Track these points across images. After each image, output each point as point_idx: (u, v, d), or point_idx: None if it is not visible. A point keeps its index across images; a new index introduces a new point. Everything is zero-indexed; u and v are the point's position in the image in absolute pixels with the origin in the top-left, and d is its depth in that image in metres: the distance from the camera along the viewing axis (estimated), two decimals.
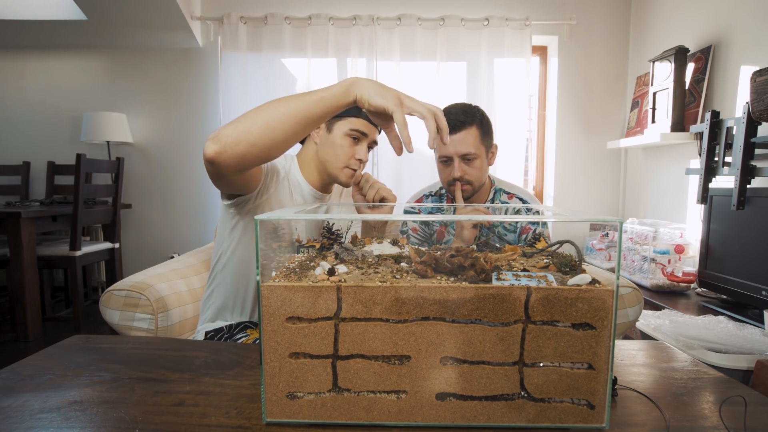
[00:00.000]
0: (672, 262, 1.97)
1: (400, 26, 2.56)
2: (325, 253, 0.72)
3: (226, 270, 1.14)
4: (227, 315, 1.17)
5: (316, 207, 1.08)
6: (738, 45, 1.89)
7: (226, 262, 1.14)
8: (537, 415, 0.56)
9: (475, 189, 1.34)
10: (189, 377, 0.73)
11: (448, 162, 1.33)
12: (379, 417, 0.57)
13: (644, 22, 2.59)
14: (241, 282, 1.13)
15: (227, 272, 1.14)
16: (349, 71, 2.60)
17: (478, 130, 1.30)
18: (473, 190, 1.34)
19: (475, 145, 1.30)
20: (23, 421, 0.59)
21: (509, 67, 2.61)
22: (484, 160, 1.33)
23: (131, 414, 0.61)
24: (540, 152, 2.91)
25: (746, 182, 1.59)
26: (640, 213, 2.60)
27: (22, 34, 2.60)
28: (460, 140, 1.29)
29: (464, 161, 1.31)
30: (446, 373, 0.56)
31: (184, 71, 2.76)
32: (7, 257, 2.30)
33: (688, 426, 0.58)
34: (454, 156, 1.31)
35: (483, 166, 1.33)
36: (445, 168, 1.34)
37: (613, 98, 2.75)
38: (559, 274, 0.61)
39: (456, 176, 1.31)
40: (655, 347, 0.88)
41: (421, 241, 1.43)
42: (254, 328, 1.13)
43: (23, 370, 0.77)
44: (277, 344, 0.56)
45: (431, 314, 0.56)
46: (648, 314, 1.58)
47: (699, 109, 2.04)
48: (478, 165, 1.31)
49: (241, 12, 2.58)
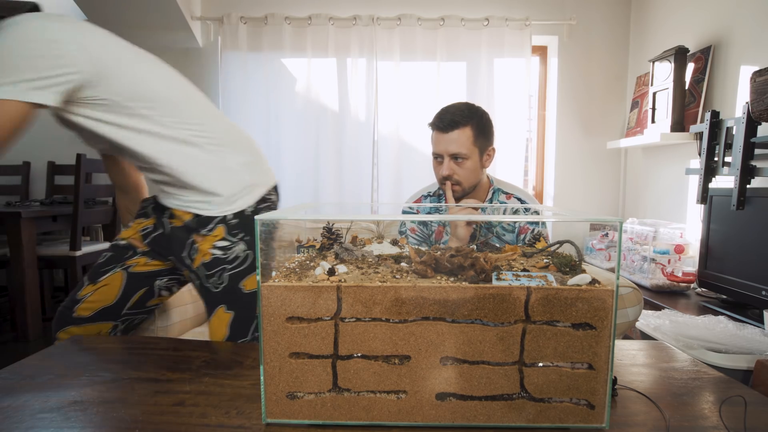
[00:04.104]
0: (672, 262, 1.97)
1: (400, 26, 2.56)
2: (325, 253, 0.72)
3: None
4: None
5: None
6: (738, 45, 1.89)
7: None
8: (537, 415, 0.56)
9: (464, 189, 1.34)
10: (189, 377, 0.73)
11: (440, 160, 1.34)
12: (379, 417, 0.57)
13: (644, 22, 2.59)
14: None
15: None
16: (349, 71, 2.60)
17: (472, 131, 1.30)
18: (463, 190, 1.34)
19: (467, 145, 1.30)
20: (23, 421, 0.59)
21: (509, 67, 2.61)
22: (476, 162, 1.33)
23: (131, 414, 0.61)
24: (540, 152, 2.91)
25: (746, 182, 1.59)
26: (640, 213, 2.60)
27: None
28: (451, 140, 1.30)
29: (454, 161, 1.31)
30: (446, 373, 0.56)
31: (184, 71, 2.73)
32: (7, 257, 2.30)
33: (688, 426, 0.58)
34: (445, 155, 1.32)
35: (474, 167, 1.33)
36: (438, 166, 1.35)
37: (613, 98, 2.75)
38: (559, 274, 0.61)
39: (444, 174, 1.32)
40: (655, 347, 0.88)
41: (420, 241, 1.43)
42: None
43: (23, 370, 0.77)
44: (277, 344, 0.56)
45: (431, 314, 0.56)
46: (648, 314, 1.58)
47: (699, 109, 2.04)
48: (468, 166, 1.31)
49: (241, 12, 2.58)
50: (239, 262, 1.04)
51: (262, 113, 2.59)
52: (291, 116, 2.60)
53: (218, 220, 1.04)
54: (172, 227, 1.07)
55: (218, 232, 1.03)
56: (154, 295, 1.15)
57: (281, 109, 2.59)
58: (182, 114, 1.03)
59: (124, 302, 1.11)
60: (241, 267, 1.04)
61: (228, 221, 1.04)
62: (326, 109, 2.60)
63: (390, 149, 2.59)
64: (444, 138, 1.31)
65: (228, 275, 1.03)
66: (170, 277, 1.16)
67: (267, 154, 2.59)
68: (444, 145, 1.31)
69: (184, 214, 1.05)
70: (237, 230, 1.04)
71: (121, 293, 1.10)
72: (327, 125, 2.59)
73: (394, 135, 2.58)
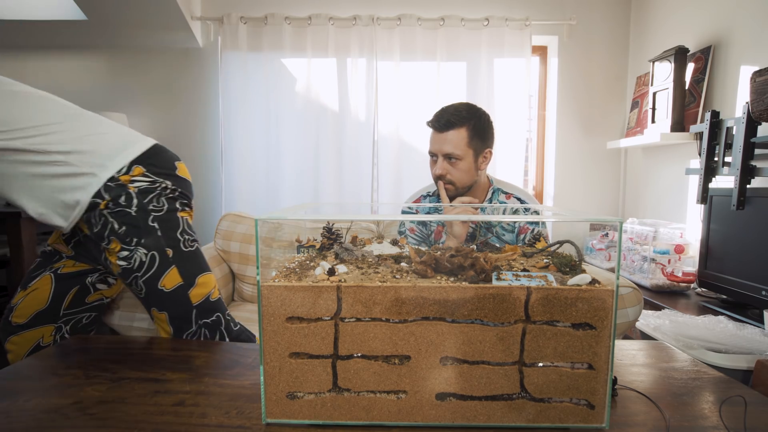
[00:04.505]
0: (672, 262, 1.97)
1: (400, 26, 2.56)
2: (325, 253, 0.72)
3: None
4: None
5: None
6: (738, 45, 1.89)
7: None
8: (537, 415, 0.56)
9: (458, 189, 1.35)
10: (189, 377, 0.73)
11: (435, 159, 1.35)
12: (379, 417, 0.57)
13: (644, 22, 2.59)
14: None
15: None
16: (349, 71, 2.60)
17: (467, 132, 1.30)
18: (456, 190, 1.35)
19: (461, 146, 1.30)
20: (23, 421, 0.59)
21: (509, 67, 2.61)
22: (470, 163, 1.33)
23: (131, 414, 0.61)
24: (540, 152, 2.91)
25: (746, 182, 1.59)
26: (640, 213, 2.60)
27: (22, 34, 2.59)
28: (446, 139, 1.30)
29: (448, 161, 1.32)
30: (446, 373, 0.56)
31: (184, 71, 2.76)
32: (7, 257, 2.29)
33: (688, 426, 0.58)
34: (439, 154, 1.32)
35: (468, 168, 1.33)
36: (433, 165, 1.36)
37: (613, 98, 2.75)
38: (559, 274, 0.61)
39: (437, 174, 1.33)
40: (655, 347, 0.88)
41: (419, 241, 1.43)
42: None
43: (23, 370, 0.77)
44: (277, 344, 0.56)
45: (431, 314, 0.56)
46: (648, 314, 1.58)
47: (699, 109, 2.04)
48: (461, 167, 1.32)
49: (241, 12, 2.58)
50: (146, 267, 0.99)
51: (262, 113, 2.59)
52: (291, 116, 2.60)
53: (108, 233, 0.98)
54: (84, 234, 1.05)
55: (114, 245, 0.99)
56: (90, 291, 1.13)
57: (281, 109, 2.59)
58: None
59: (59, 303, 1.09)
60: (151, 270, 0.99)
61: (117, 231, 0.98)
62: (326, 109, 2.60)
63: (390, 149, 2.59)
64: (439, 137, 1.31)
65: (142, 282, 1.00)
66: (101, 272, 1.14)
67: (267, 154, 2.60)
68: (439, 145, 1.32)
69: (82, 224, 1.02)
70: (128, 238, 0.99)
71: (52, 295, 1.08)
72: (327, 125, 2.59)
73: (394, 135, 2.58)
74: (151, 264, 0.99)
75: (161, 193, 1.04)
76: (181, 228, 1.05)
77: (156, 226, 1.01)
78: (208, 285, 1.06)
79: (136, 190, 1.00)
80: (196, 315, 1.03)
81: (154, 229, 1.00)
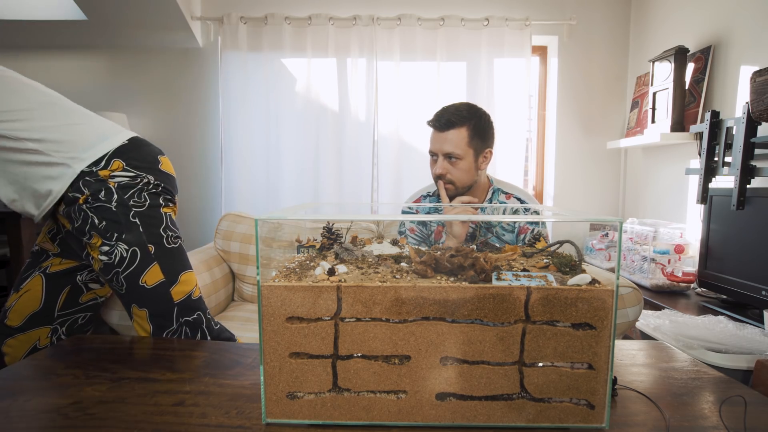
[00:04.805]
0: (672, 262, 1.97)
1: (400, 26, 2.56)
2: (325, 253, 0.72)
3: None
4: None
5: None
6: (738, 45, 1.89)
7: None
8: (537, 415, 0.56)
9: (457, 189, 1.35)
10: (189, 377, 0.73)
11: (435, 158, 1.35)
12: (379, 417, 0.57)
13: (644, 22, 2.59)
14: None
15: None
16: (349, 71, 2.60)
17: (467, 132, 1.30)
18: (455, 189, 1.35)
19: (461, 146, 1.30)
20: (23, 421, 0.59)
21: (509, 67, 2.61)
22: (470, 163, 1.33)
23: (131, 414, 0.61)
24: (540, 152, 2.91)
25: (746, 182, 1.59)
26: (640, 213, 2.60)
27: (22, 34, 2.60)
28: (446, 139, 1.31)
29: (448, 160, 1.32)
30: (446, 373, 0.56)
31: (184, 71, 2.76)
32: (7, 257, 2.30)
33: (688, 426, 0.58)
34: (439, 153, 1.32)
35: (468, 168, 1.33)
36: (434, 164, 1.36)
37: (613, 98, 2.75)
38: (559, 274, 0.61)
39: (437, 173, 1.33)
40: (655, 347, 0.88)
41: (419, 241, 1.43)
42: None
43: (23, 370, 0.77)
44: (277, 344, 0.56)
45: (431, 314, 0.56)
46: (648, 314, 1.58)
47: (699, 109, 2.04)
48: (462, 166, 1.32)
49: (241, 12, 2.58)
50: (127, 262, 0.97)
51: (262, 113, 2.59)
52: (291, 116, 2.60)
53: (88, 227, 0.97)
54: (66, 230, 1.04)
55: (95, 240, 0.97)
56: (84, 291, 1.12)
57: (281, 109, 2.59)
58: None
59: (52, 304, 1.09)
60: (132, 266, 0.98)
61: (97, 227, 0.97)
62: (326, 109, 2.60)
63: (390, 149, 2.59)
64: (439, 137, 1.32)
65: (123, 278, 0.98)
66: (90, 270, 1.12)
67: (267, 154, 2.60)
68: (439, 144, 1.32)
69: (63, 219, 1.01)
70: (109, 233, 0.97)
71: (44, 296, 1.08)
72: (327, 125, 2.59)
73: (394, 135, 2.58)
74: (132, 260, 0.98)
75: (143, 188, 1.02)
76: (164, 224, 1.04)
77: (137, 222, 0.99)
78: (190, 283, 1.05)
79: (116, 185, 0.99)
80: (178, 313, 1.02)
81: (136, 224, 0.99)
